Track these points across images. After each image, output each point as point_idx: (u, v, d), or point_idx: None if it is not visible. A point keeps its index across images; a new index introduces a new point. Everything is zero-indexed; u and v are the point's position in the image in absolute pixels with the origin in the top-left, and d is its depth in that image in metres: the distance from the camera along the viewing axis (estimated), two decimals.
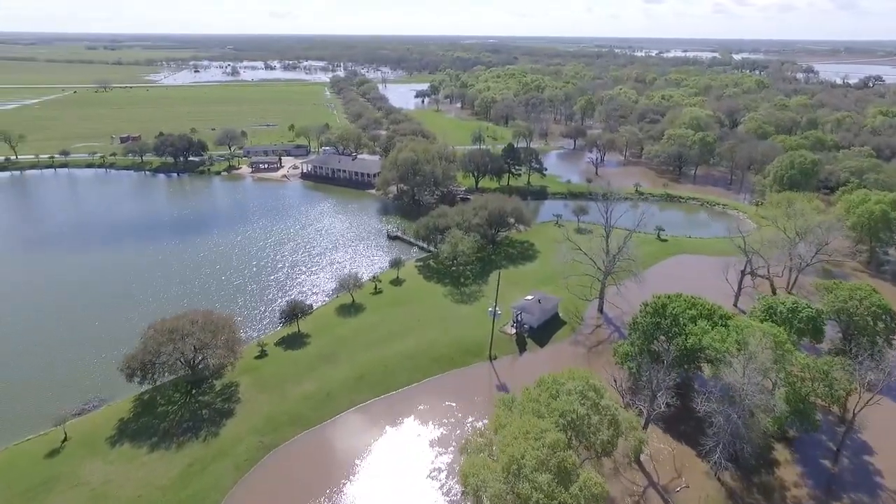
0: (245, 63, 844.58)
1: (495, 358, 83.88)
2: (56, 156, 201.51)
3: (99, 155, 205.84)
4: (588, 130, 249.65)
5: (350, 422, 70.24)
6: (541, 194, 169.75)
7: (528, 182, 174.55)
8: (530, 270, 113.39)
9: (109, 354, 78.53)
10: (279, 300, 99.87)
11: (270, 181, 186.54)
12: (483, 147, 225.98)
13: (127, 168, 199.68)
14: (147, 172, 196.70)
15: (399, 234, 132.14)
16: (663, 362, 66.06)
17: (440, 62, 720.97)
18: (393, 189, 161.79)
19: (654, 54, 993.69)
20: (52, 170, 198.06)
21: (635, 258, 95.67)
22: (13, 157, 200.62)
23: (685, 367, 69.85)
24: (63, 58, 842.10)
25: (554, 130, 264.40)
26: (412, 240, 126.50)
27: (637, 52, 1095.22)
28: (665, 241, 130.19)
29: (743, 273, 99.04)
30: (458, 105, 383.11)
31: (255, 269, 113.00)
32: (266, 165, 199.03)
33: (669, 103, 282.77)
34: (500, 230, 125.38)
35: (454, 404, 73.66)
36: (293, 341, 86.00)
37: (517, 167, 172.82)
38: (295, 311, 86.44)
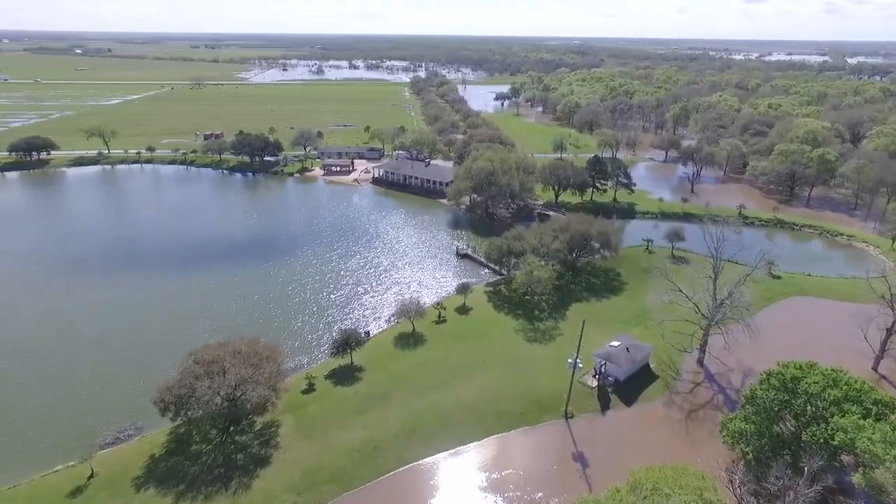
0: (331, 62, 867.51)
1: (572, 416, 71.28)
2: (143, 151, 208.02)
3: (181, 152, 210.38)
4: (682, 141, 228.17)
5: (398, 485, 60.39)
6: (628, 213, 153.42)
7: (615, 198, 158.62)
8: (615, 306, 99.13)
9: (155, 378, 73.01)
10: (338, 322, 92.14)
11: (341, 185, 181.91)
12: (564, 155, 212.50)
13: (206, 165, 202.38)
14: (224, 171, 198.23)
15: (469, 252, 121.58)
16: (793, 453, 51.31)
17: (522, 63, 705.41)
18: (465, 200, 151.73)
19: (753, 57, 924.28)
20: (139, 165, 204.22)
21: (749, 305, 79.54)
22: (105, 152, 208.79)
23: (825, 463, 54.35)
24: (168, 56, 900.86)
25: (643, 140, 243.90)
26: (483, 260, 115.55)
27: (735, 54, 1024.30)
28: (778, 277, 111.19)
29: (889, 332, 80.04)
30: (539, 109, 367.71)
31: (317, 285, 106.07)
32: (338, 168, 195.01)
33: (778, 113, 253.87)
34: (581, 255, 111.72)
35: (521, 473, 62.04)
36: (344, 375, 77.54)
37: (602, 181, 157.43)
38: (348, 342, 77.90)
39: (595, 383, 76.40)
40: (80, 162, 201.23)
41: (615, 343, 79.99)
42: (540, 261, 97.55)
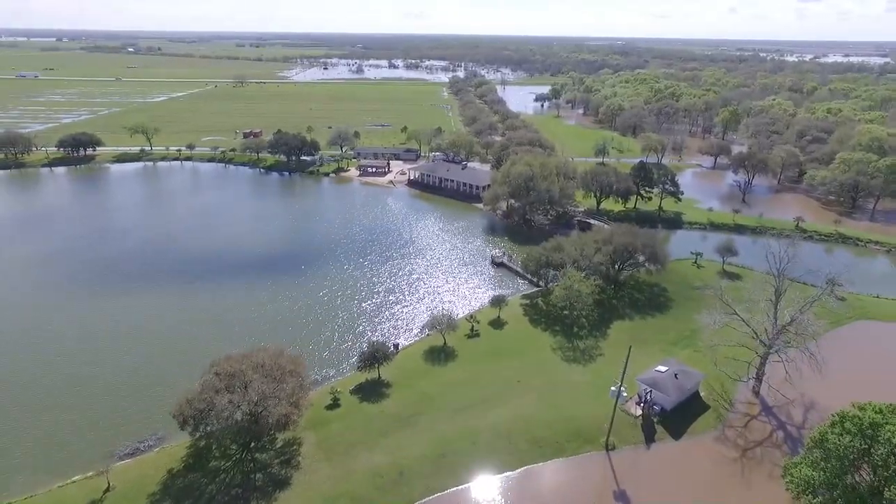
0: (371, 61, 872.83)
1: (613, 448, 65.66)
2: (183, 148, 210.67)
3: (220, 150, 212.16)
4: (731, 146, 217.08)
5: None
6: (674, 223, 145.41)
7: (660, 207, 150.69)
8: (660, 325, 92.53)
9: (178, 387, 70.68)
10: (368, 333, 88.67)
11: (376, 186, 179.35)
12: (606, 159, 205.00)
13: (243, 164, 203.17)
14: (261, 170, 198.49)
15: (504, 260, 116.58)
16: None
17: (563, 64, 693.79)
18: (502, 205, 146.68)
19: (807, 59, 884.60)
20: (179, 162, 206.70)
21: (816, 334, 72.12)
22: (148, 149, 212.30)
23: None
24: (215, 54, 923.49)
25: (690, 145, 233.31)
26: (519, 270, 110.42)
27: (787, 55, 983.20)
28: (842, 299, 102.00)
29: None
30: (581, 111, 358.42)
31: (349, 292, 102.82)
32: (374, 169, 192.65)
33: (837, 118, 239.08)
34: (624, 267, 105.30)
35: None
36: (370, 391, 73.91)
37: (648, 189, 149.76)
38: (376, 356, 74.23)
39: (639, 412, 70.55)
40: (123, 158, 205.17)
41: (662, 368, 73.87)
42: (581, 274, 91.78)
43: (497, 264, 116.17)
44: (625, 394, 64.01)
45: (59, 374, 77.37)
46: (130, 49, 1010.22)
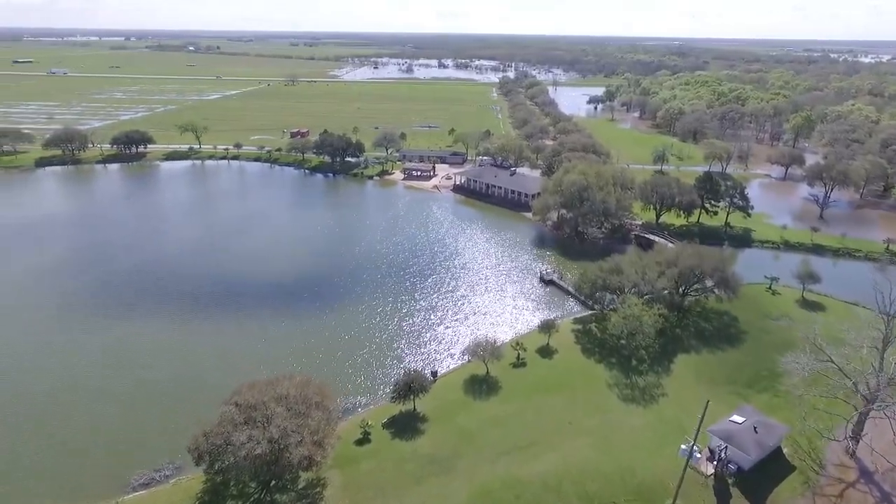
0: (421, 61, 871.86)
1: None
2: (230, 147, 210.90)
3: (266, 149, 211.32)
4: (804, 155, 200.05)
5: None
6: (742, 240, 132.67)
7: (727, 222, 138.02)
8: (732, 362, 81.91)
9: (198, 412, 65.63)
10: (406, 357, 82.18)
11: (421, 191, 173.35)
12: (665, 167, 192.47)
13: (289, 164, 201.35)
14: (306, 171, 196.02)
15: (555, 278, 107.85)
16: None
17: (618, 65, 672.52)
18: (553, 216, 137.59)
19: (884, 60, 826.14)
20: (226, 161, 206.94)
21: None
22: (197, 147, 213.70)
23: None
24: (269, 53, 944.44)
25: (757, 153, 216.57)
26: (571, 290, 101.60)
27: (861, 56, 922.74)
28: None
29: None
30: (636, 114, 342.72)
31: (388, 309, 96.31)
32: (419, 173, 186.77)
33: None
34: (690, 292, 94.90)
35: None
36: (404, 426, 67.20)
37: (714, 202, 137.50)
38: (411, 387, 67.48)
39: (711, 470, 60.97)
40: (172, 156, 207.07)
41: (738, 418, 63.96)
42: (642, 301, 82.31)
43: (546, 282, 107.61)
44: (698, 455, 54.78)
45: (79, 390, 74.03)
46: (191, 48, 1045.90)
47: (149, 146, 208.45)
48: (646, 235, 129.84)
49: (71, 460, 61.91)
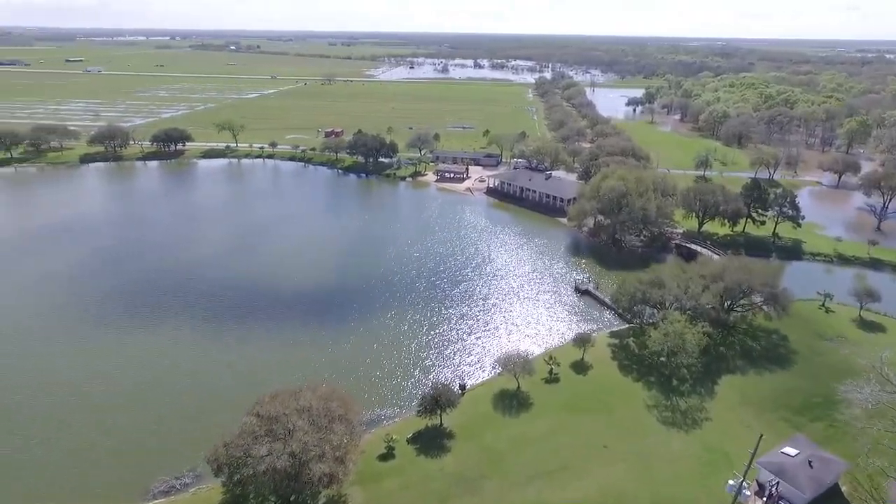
0: (456, 61, 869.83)
1: None
2: (265, 146, 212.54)
3: (301, 148, 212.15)
4: (860, 162, 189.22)
5: None
6: (792, 252, 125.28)
7: (775, 233, 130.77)
8: (781, 385, 76.34)
9: (221, 419, 64.68)
10: (434, 368, 79.54)
11: (453, 193, 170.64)
12: (708, 173, 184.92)
13: (322, 164, 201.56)
14: (339, 171, 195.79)
15: (590, 288, 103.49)
16: None
17: (658, 66, 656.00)
18: (589, 222, 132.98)
19: None
20: (261, 160, 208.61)
21: None
22: (233, 145, 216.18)
23: None
24: (308, 53, 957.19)
25: (807, 159, 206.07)
26: (607, 301, 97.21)
27: None
28: None
29: None
30: (677, 117, 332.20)
31: (418, 317, 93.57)
32: (452, 175, 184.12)
33: None
34: (736, 308, 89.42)
35: None
36: (430, 441, 64.55)
37: (761, 211, 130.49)
38: (439, 402, 64.75)
39: None
40: (209, 154, 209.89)
41: (791, 450, 59.00)
42: (685, 317, 77.57)
43: (581, 292, 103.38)
44: (747, 493, 50.41)
45: (101, 395, 73.40)
46: (232, 47, 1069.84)
47: (187, 144, 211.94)
48: (687, 245, 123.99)
49: (92, 466, 61.33)
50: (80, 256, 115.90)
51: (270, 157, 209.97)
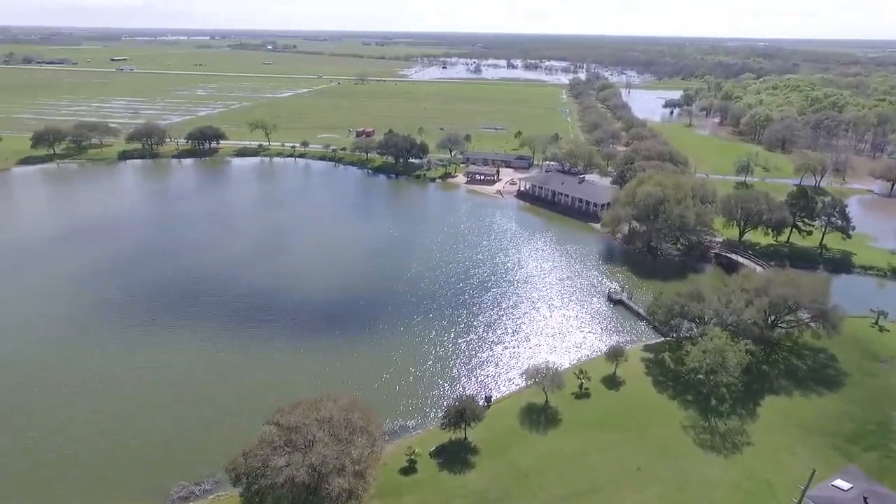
0: (489, 61, 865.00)
1: None
2: (297, 145, 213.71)
3: (332, 148, 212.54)
4: None
5: None
6: (841, 265, 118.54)
7: (822, 244, 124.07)
8: (831, 410, 71.39)
9: (247, 425, 63.63)
10: (462, 379, 77.21)
11: (483, 195, 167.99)
12: (749, 179, 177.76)
13: (352, 164, 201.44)
14: (369, 171, 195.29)
15: (624, 298, 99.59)
16: None
17: (697, 67, 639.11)
18: (624, 229, 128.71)
19: None
20: (293, 159, 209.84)
21: None
22: (266, 144, 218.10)
23: None
24: (342, 52, 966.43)
25: (857, 166, 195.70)
26: (642, 312, 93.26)
27: None
28: None
29: None
30: (716, 120, 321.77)
31: (445, 324, 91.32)
32: (482, 177, 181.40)
33: None
34: (780, 324, 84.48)
35: None
36: (454, 456, 62.27)
37: (807, 220, 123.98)
38: (463, 416, 62.41)
39: None
40: (242, 153, 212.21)
41: (843, 483, 54.68)
42: (726, 333, 73.32)
43: (614, 301, 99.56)
44: None
45: (122, 400, 73.07)
46: (269, 47, 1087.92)
47: (221, 142, 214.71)
48: (727, 255, 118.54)
49: (114, 467, 61.10)
50: (108, 256, 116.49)
51: (302, 156, 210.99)
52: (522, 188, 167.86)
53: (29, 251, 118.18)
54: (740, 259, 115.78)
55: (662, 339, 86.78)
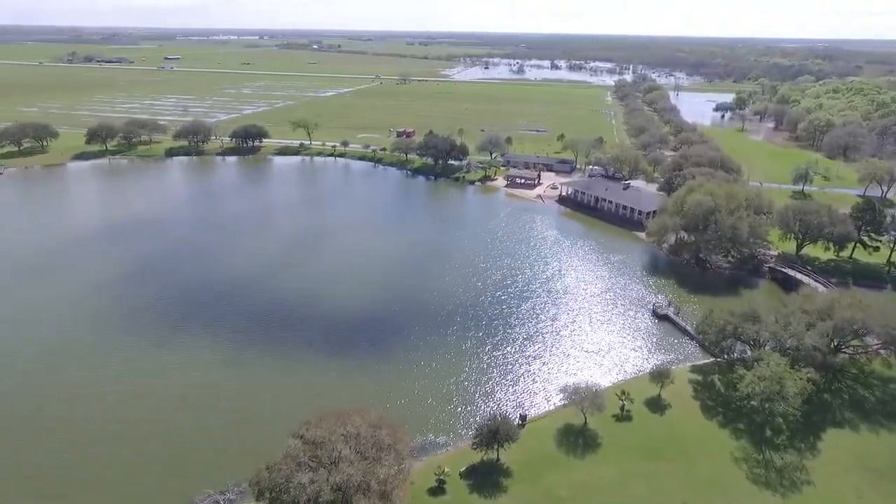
0: (532, 61, 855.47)
1: None
2: (337, 145, 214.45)
3: (372, 148, 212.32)
4: None
5: None
6: None
7: (890, 260, 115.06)
8: None
9: (273, 437, 61.63)
10: (495, 394, 74.03)
11: (524, 200, 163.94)
12: (807, 188, 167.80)
13: (392, 164, 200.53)
14: (408, 172, 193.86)
15: (670, 313, 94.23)
16: None
17: (750, 69, 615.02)
18: (671, 239, 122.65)
19: None
20: (333, 158, 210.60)
21: None
22: (307, 143, 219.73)
23: None
24: (385, 52, 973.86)
25: None
26: (689, 330, 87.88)
27: None
28: None
29: None
30: (771, 125, 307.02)
31: (482, 335, 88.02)
32: (522, 180, 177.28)
33: None
34: (844, 349, 77.85)
35: None
36: (484, 478, 59.23)
37: (874, 235, 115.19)
38: (496, 435, 59.28)
39: None
40: (284, 151, 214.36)
41: None
42: (785, 360, 67.63)
43: (660, 317, 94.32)
44: None
45: (150, 407, 72.04)
46: (315, 46, 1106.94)
47: (264, 140, 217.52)
48: (783, 270, 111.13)
49: (140, 472, 60.47)
50: (139, 258, 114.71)
51: (342, 155, 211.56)
52: (564, 193, 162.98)
53: (77, 246, 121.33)
54: (798, 275, 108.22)
55: (711, 359, 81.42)
